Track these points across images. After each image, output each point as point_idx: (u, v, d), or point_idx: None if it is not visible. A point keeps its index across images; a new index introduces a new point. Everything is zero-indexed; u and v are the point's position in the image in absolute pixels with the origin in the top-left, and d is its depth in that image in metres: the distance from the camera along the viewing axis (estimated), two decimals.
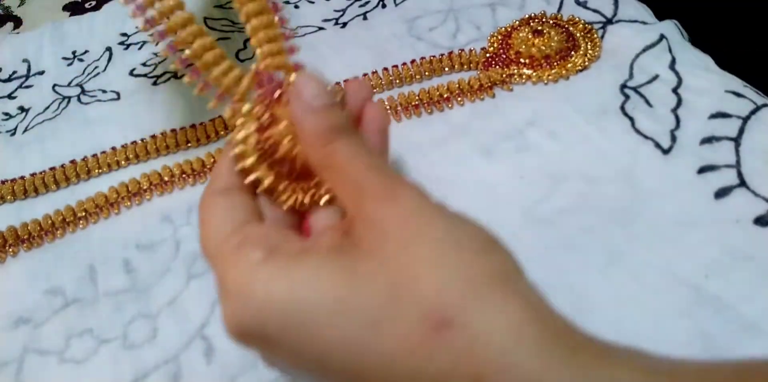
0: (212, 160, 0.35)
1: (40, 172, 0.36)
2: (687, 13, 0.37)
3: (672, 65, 0.34)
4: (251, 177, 0.22)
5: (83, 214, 0.34)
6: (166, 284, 0.30)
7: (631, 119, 0.33)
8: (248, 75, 0.24)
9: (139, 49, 0.43)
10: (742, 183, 0.29)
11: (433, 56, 0.37)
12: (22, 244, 0.33)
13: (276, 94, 0.23)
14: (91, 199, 0.34)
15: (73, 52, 0.44)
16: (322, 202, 0.23)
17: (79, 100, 0.41)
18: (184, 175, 0.35)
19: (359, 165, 0.20)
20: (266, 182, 0.22)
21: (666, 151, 0.31)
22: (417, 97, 0.36)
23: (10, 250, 0.33)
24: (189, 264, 0.31)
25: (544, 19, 0.38)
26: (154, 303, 0.30)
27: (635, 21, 0.37)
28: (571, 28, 0.37)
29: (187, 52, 0.23)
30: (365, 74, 0.38)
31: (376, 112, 0.24)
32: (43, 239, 0.33)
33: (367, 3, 0.43)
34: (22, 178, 0.36)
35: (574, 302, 0.27)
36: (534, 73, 0.36)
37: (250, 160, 0.22)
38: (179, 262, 0.31)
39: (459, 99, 0.36)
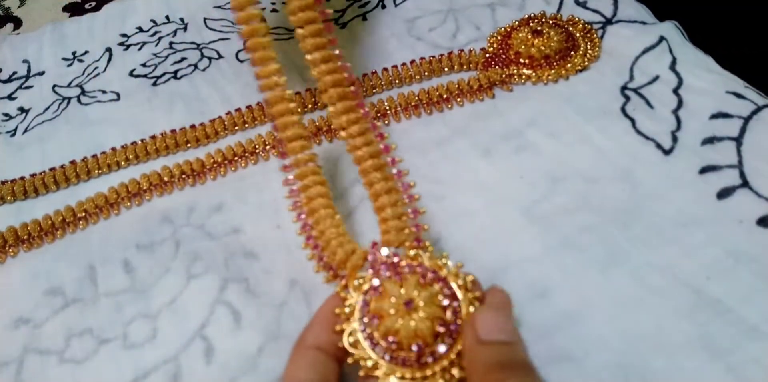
0: (212, 160, 0.35)
1: (40, 173, 0.36)
2: (687, 13, 0.37)
3: (672, 66, 0.34)
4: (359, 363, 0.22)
5: (83, 214, 0.34)
6: (166, 284, 0.30)
7: (631, 120, 0.33)
8: (361, 251, 0.25)
9: (139, 49, 0.43)
10: (745, 183, 0.29)
11: (433, 57, 0.37)
12: (21, 244, 0.33)
13: (388, 273, 0.23)
14: (91, 199, 0.34)
15: (73, 53, 0.44)
16: None
17: (78, 100, 0.41)
18: (183, 176, 0.35)
19: None
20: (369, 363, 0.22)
21: (667, 152, 0.31)
22: (417, 98, 0.36)
23: (10, 250, 0.33)
24: (189, 264, 0.31)
25: (543, 20, 0.38)
26: (154, 303, 0.30)
27: (635, 21, 0.37)
28: (570, 29, 0.37)
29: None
30: (365, 74, 0.38)
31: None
32: (43, 239, 0.33)
33: (366, 3, 0.43)
34: (22, 178, 0.36)
35: (574, 302, 0.27)
36: (534, 74, 0.36)
37: (351, 326, 0.23)
38: (179, 262, 0.31)
39: (458, 99, 0.36)
